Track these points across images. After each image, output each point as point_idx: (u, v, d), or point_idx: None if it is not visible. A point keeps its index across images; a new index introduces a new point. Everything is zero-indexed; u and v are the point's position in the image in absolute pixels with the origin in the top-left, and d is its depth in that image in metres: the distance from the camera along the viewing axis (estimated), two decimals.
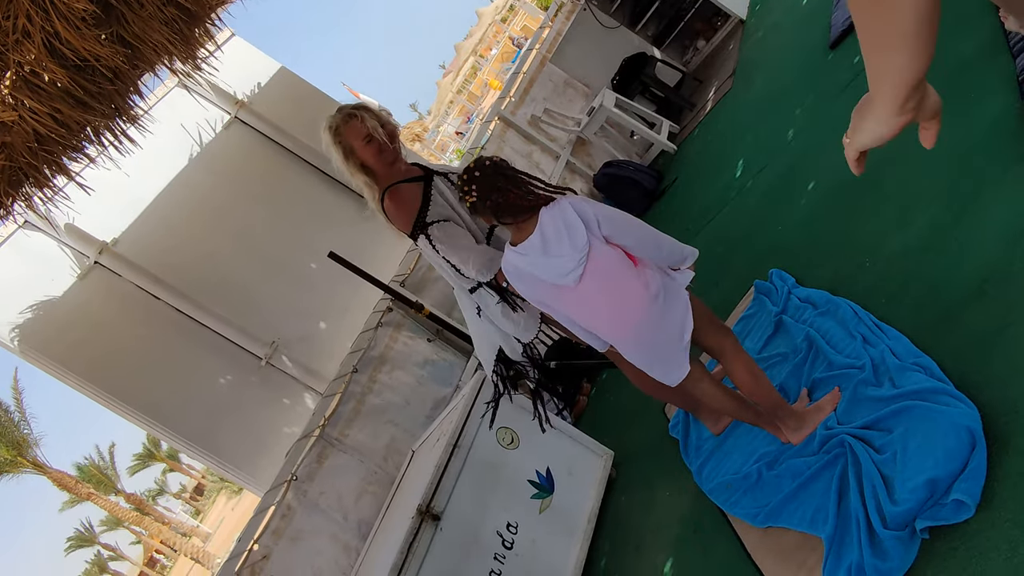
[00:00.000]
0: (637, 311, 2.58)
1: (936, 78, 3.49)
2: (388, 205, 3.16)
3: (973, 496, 2.02)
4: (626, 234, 2.63)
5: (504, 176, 2.58)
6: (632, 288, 2.59)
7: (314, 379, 6.07)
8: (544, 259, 2.58)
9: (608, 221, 2.59)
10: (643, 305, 2.58)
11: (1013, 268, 2.45)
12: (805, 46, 5.92)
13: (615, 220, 2.62)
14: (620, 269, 2.59)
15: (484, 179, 2.57)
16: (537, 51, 8.54)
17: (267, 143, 6.98)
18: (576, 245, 2.54)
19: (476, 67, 47.92)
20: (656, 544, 3.36)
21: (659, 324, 2.61)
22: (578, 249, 2.54)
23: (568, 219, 2.56)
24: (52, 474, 25.87)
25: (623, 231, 2.62)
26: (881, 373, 2.65)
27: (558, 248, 2.56)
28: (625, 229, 2.63)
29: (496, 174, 2.58)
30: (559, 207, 2.58)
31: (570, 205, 2.58)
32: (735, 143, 5.93)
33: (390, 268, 6.00)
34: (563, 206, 2.58)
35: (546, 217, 2.58)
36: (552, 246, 2.56)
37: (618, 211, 2.68)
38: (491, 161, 2.62)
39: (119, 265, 5.89)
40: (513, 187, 2.58)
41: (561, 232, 2.55)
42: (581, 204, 2.60)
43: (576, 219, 2.55)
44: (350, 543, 4.44)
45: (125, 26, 3.64)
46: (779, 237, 4.19)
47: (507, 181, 2.58)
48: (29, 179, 3.90)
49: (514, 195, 2.57)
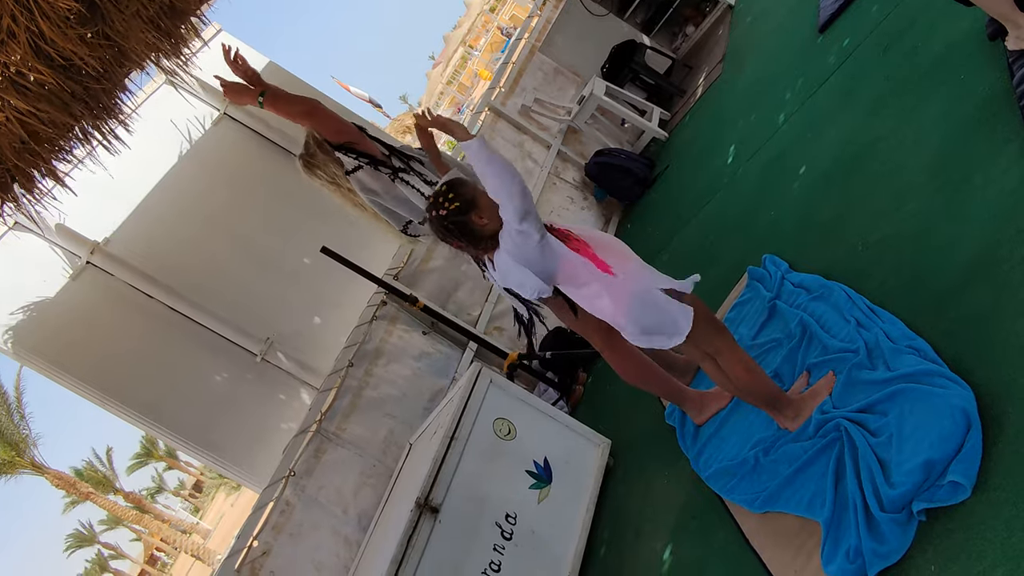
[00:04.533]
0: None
1: (926, 59, 3.49)
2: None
3: (969, 477, 2.03)
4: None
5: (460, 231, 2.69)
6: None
7: (310, 374, 6.06)
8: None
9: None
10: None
11: (1004, 250, 2.46)
12: (794, 30, 5.91)
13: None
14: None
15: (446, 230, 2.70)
16: (526, 40, 8.51)
17: (257, 139, 6.94)
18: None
19: (466, 58, 47.77)
20: (655, 531, 3.37)
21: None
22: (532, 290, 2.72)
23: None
24: (51, 474, 25.84)
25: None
26: (876, 356, 2.66)
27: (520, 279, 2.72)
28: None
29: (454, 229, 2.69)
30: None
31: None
32: (726, 129, 5.93)
33: (384, 262, 5.98)
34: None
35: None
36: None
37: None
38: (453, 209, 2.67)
39: (111, 265, 5.86)
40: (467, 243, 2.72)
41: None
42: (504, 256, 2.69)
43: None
44: (351, 536, 4.44)
45: (110, 24, 3.60)
46: (772, 222, 4.19)
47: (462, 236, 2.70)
48: (17, 181, 3.87)
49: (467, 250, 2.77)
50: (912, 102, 3.58)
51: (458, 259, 5.78)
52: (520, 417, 3.90)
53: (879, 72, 4.08)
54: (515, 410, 3.91)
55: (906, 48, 3.95)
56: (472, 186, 2.73)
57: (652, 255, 5.47)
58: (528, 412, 3.95)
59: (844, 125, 4.08)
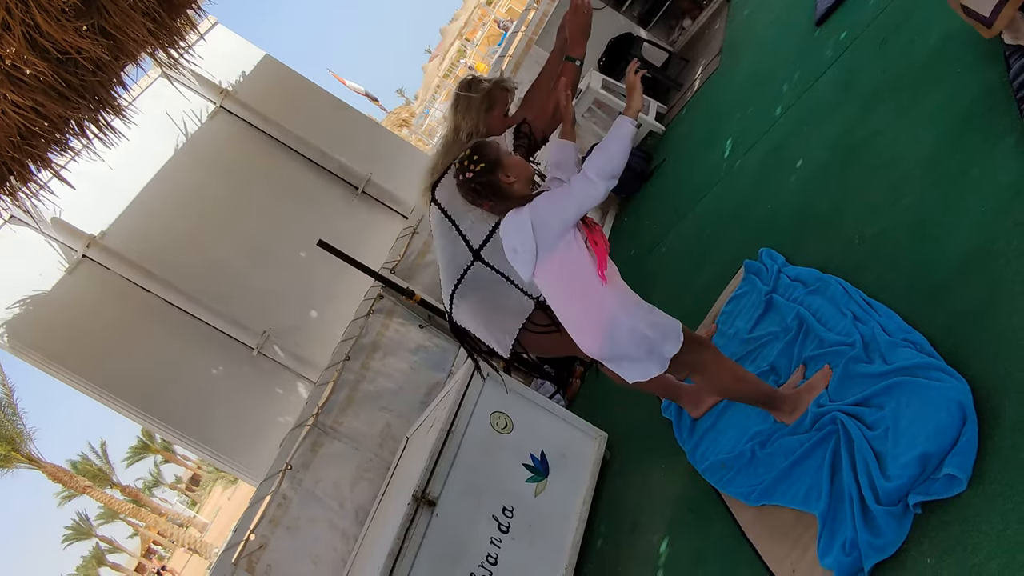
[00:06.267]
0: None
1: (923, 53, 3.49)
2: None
3: (965, 470, 2.04)
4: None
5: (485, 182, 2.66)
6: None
7: (306, 368, 6.06)
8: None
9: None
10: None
11: (1001, 244, 2.46)
12: (791, 24, 5.91)
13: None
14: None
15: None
16: (523, 34, 8.49)
17: (253, 132, 6.93)
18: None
19: (462, 51, 47.66)
20: (652, 524, 3.38)
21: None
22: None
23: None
24: (47, 468, 25.81)
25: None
26: (872, 350, 2.66)
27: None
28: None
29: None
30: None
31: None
32: (723, 122, 5.92)
33: (380, 255, 5.98)
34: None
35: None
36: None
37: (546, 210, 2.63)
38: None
39: (107, 258, 5.85)
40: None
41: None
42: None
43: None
44: (348, 530, 4.45)
45: (106, 17, 3.59)
46: (768, 216, 4.19)
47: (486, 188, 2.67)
48: (13, 174, 3.87)
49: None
50: (909, 95, 3.58)
51: None
52: (517, 411, 3.90)
53: (876, 65, 4.08)
54: (511, 404, 3.91)
55: (903, 41, 3.94)
56: (496, 146, 2.73)
57: (649, 248, 5.48)
58: (525, 406, 3.95)
59: (841, 118, 4.08)
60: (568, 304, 2.67)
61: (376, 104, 44.20)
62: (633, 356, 2.58)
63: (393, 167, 7.36)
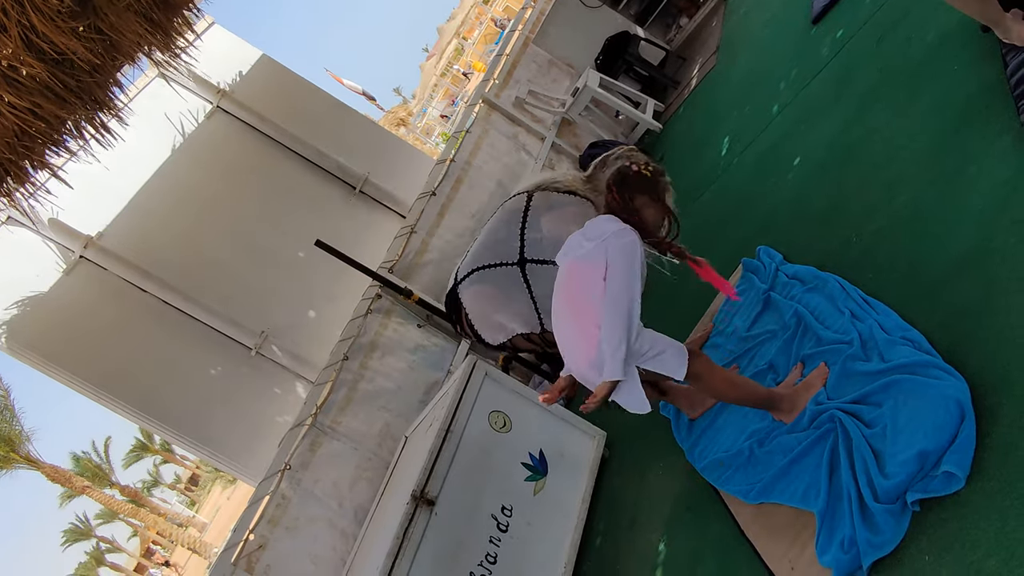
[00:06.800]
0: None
1: (920, 51, 3.48)
2: None
3: (963, 468, 2.04)
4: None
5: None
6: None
7: (305, 368, 6.06)
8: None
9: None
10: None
11: (998, 241, 2.46)
12: (788, 22, 5.90)
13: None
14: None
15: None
16: (520, 32, 8.48)
17: (251, 132, 6.93)
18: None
19: (459, 49, 47.64)
20: (650, 523, 3.38)
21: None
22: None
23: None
24: (46, 469, 25.79)
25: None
26: (870, 348, 2.66)
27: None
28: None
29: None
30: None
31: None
32: (720, 120, 5.92)
33: (378, 254, 5.98)
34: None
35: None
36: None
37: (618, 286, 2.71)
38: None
39: (105, 259, 5.85)
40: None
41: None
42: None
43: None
44: (347, 529, 4.45)
45: (102, 17, 3.59)
46: (766, 214, 4.19)
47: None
48: (10, 175, 3.86)
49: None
50: (906, 93, 3.58)
51: (453, 251, 5.77)
52: (515, 410, 3.91)
53: (873, 63, 4.08)
54: (510, 403, 3.91)
55: (900, 39, 3.94)
56: (665, 185, 2.95)
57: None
58: (523, 405, 3.95)
59: (838, 116, 4.08)
60: (573, 312, 2.73)
61: (373, 103, 44.18)
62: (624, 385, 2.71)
63: (391, 167, 7.36)
